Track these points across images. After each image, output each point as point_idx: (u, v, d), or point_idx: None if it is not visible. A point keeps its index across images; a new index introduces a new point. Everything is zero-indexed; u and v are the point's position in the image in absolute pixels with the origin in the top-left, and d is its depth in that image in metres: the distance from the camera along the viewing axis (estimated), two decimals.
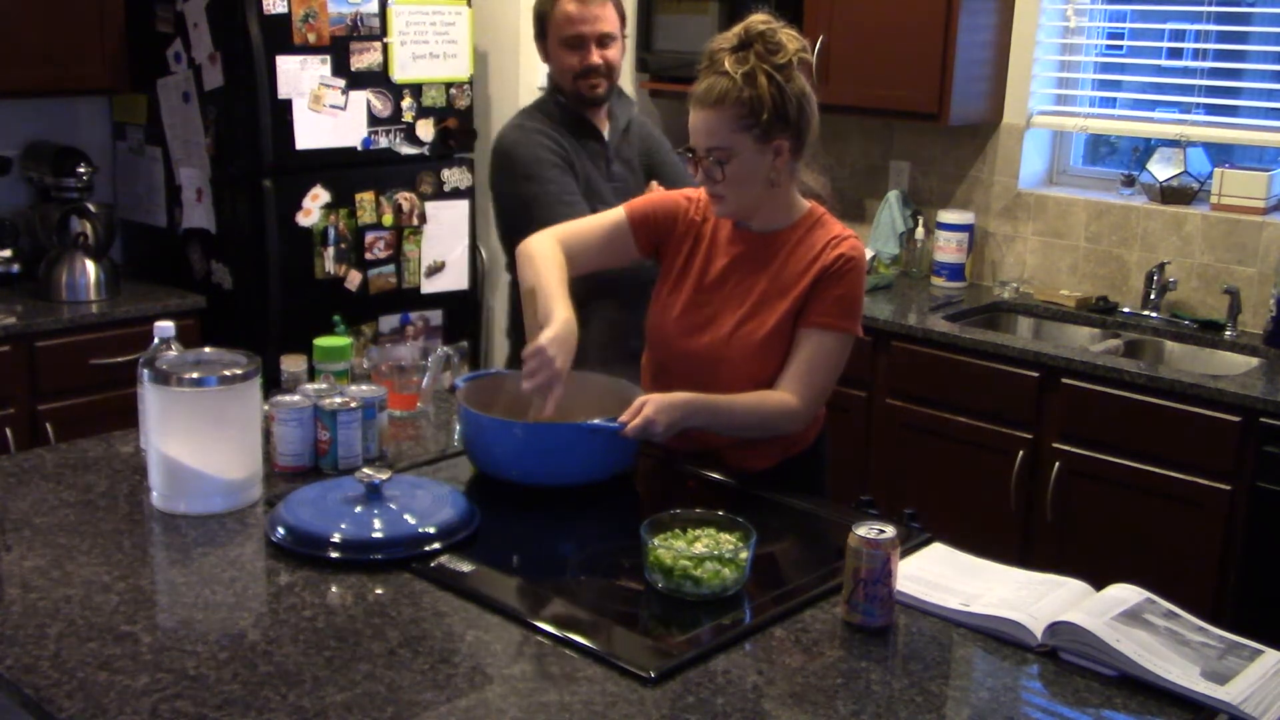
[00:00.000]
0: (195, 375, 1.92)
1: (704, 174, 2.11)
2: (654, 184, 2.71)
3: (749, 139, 2.06)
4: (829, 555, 1.81)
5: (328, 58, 3.59)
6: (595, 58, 2.66)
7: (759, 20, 2.08)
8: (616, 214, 2.30)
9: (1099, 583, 1.78)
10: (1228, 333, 3.48)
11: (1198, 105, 3.74)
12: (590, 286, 2.31)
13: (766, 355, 2.15)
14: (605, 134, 2.76)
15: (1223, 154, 3.79)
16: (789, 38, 2.08)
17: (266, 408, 2.11)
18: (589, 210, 2.51)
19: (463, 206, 3.99)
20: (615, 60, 2.70)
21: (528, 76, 4.19)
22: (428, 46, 3.80)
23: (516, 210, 2.61)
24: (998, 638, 1.66)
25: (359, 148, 3.72)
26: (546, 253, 2.22)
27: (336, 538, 1.80)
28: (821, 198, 2.26)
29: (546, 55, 2.74)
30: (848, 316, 2.15)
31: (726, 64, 2.05)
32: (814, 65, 2.16)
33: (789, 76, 2.06)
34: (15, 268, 3.64)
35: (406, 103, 3.79)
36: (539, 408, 2.07)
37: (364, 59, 3.67)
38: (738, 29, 2.08)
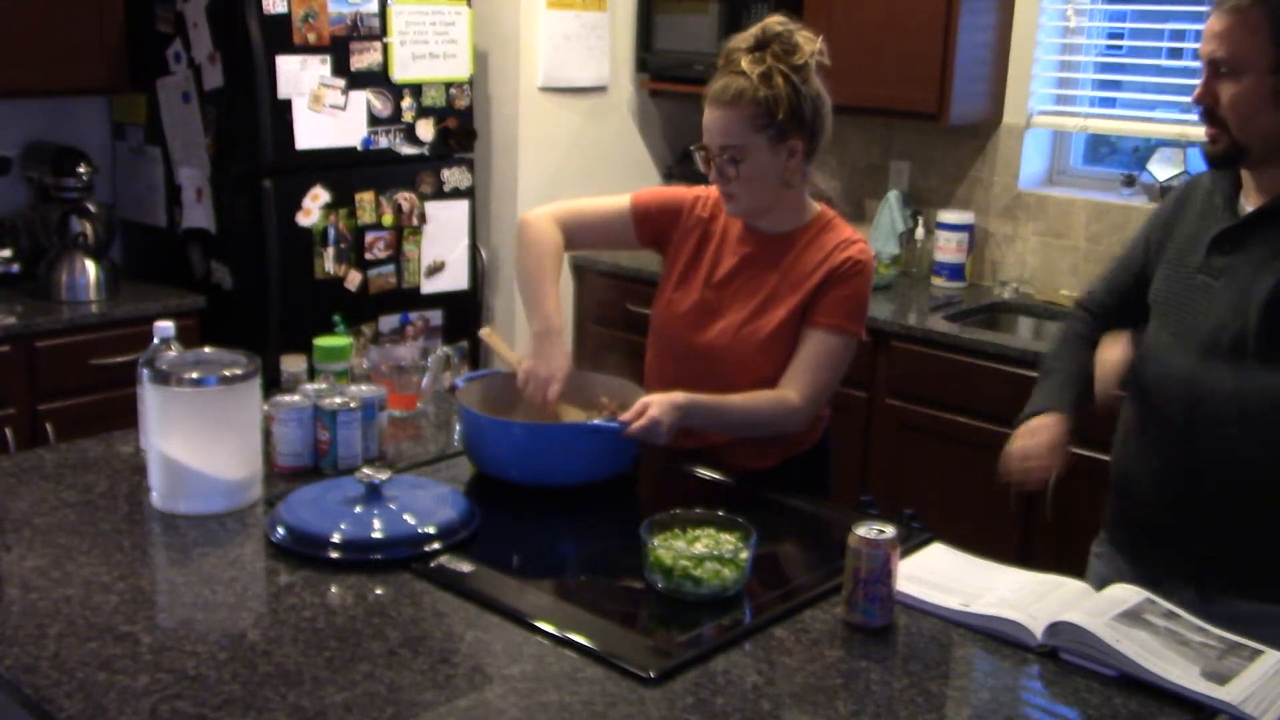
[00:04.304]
0: (195, 375, 1.92)
1: (717, 172, 2.12)
2: None
3: (763, 139, 2.07)
4: (829, 555, 1.81)
5: (328, 58, 3.59)
6: (1200, 91, 1.89)
7: (776, 21, 2.09)
8: (621, 201, 2.32)
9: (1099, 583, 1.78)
10: None
11: None
12: None
13: (770, 353, 2.16)
14: (1242, 206, 1.93)
15: None
16: (805, 39, 2.09)
17: (266, 408, 2.11)
18: (1115, 287, 2.16)
19: (463, 206, 3.99)
20: (1234, 103, 1.83)
21: (528, 76, 4.19)
22: (428, 46, 3.80)
23: None
24: (998, 638, 1.66)
25: (359, 148, 3.71)
26: (543, 239, 2.26)
27: (336, 538, 1.80)
28: (832, 200, 2.27)
29: None
30: (852, 318, 2.16)
31: (743, 64, 2.06)
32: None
33: (805, 78, 2.08)
34: (15, 268, 3.64)
35: (406, 103, 3.79)
36: (540, 403, 2.13)
37: (364, 59, 3.67)
38: (755, 29, 2.09)
